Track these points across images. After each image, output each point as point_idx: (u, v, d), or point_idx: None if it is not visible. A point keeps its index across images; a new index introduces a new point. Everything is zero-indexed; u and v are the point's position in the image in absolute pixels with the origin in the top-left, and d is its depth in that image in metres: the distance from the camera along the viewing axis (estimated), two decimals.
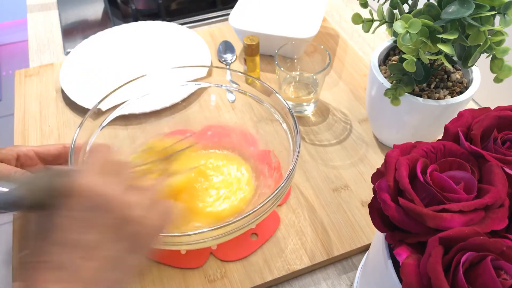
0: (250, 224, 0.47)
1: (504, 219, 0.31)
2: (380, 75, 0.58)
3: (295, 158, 0.49)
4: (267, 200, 0.46)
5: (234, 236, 0.48)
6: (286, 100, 0.56)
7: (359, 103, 0.74)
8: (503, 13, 0.44)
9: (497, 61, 0.47)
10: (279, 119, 0.58)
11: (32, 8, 0.99)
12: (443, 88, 0.58)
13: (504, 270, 0.29)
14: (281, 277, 0.53)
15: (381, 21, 0.54)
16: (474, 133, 0.36)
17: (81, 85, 0.76)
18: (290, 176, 0.48)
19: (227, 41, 0.85)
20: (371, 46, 0.86)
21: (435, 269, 0.28)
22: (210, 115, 0.67)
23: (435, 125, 0.58)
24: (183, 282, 0.52)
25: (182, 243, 0.46)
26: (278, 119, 0.58)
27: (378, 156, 0.66)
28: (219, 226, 0.44)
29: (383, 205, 0.34)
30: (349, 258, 0.56)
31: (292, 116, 0.54)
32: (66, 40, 0.89)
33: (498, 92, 0.69)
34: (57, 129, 0.70)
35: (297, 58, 0.76)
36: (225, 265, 0.54)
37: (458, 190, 0.33)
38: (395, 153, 0.36)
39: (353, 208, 0.59)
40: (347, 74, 0.80)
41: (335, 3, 0.98)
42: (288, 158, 0.55)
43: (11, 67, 2.16)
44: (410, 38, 0.46)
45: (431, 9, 0.48)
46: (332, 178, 0.63)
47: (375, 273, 0.41)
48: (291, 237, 0.56)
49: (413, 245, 0.33)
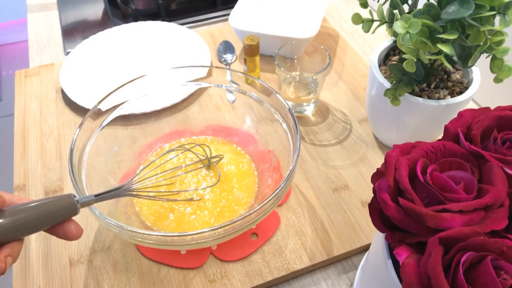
0: (250, 224, 0.47)
1: (504, 219, 0.31)
2: (380, 75, 0.58)
3: (295, 158, 0.49)
4: (267, 200, 0.46)
5: (234, 236, 0.48)
6: (286, 100, 0.56)
7: (359, 103, 0.74)
8: (503, 13, 0.44)
9: (497, 61, 0.47)
10: (279, 119, 0.58)
11: (32, 8, 0.99)
12: (443, 88, 0.58)
13: (504, 270, 0.29)
14: (281, 277, 0.53)
15: (381, 21, 0.54)
16: (474, 133, 0.36)
17: (81, 85, 0.76)
18: (290, 176, 0.48)
19: (227, 41, 0.85)
20: (371, 46, 0.86)
21: (435, 269, 0.28)
22: (210, 115, 0.67)
23: (435, 125, 0.58)
24: (183, 282, 0.52)
25: (182, 242, 0.46)
26: (278, 119, 0.58)
27: (378, 156, 0.66)
28: (220, 226, 0.44)
29: (383, 205, 0.34)
30: (349, 258, 0.56)
31: (292, 116, 0.54)
32: (66, 40, 0.90)
33: (498, 92, 0.70)
34: (57, 129, 0.70)
35: (297, 58, 0.76)
36: (225, 265, 0.54)
37: (458, 190, 0.33)
38: (395, 153, 0.36)
39: (353, 208, 0.59)
40: (347, 74, 0.80)
41: (335, 3, 0.98)
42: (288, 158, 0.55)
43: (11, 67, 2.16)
44: (410, 38, 0.46)
45: (431, 9, 0.48)
46: (332, 178, 0.63)
47: (375, 273, 0.41)
48: (291, 237, 0.56)
49: (413, 245, 0.33)
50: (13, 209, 0.36)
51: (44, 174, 0.65)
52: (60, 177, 0.64)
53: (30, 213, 0.37)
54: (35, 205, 0.37)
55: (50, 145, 0.68)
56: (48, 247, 0.56)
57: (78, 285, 0.53)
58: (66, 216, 0.39)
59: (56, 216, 0.38)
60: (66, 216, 0.39)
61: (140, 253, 0.55)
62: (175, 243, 0.46)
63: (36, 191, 0.62)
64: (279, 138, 0.59)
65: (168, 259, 0.54)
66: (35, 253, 0.56)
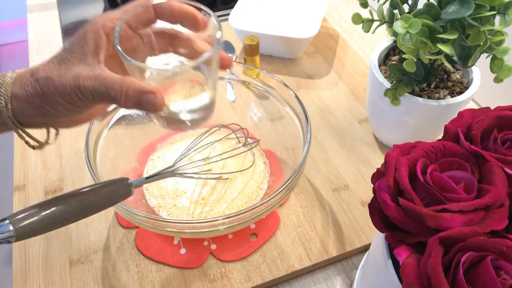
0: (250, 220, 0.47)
1: (504, 219, 0.31)
2: (380, 75, 0.58)
3: (305, 150, 0.50)
4: (280, 190, 0.47)
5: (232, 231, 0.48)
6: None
7: (359, 103, 0.74)
8: (503, 13, 0.44)
9: (497, 61, 0.47)
10: (287, 109, 0.58)
11: (32, 8, 0.99)
12: (443, 88, 0.58)
13: (504, 270, 0.29)
14: (281, 277, 0.53)
15: (381, 21, 0.54)
16: (474, 133, 0.36)
17: None
18: (303, 163, 0.49)
19: (227, 41, 0.85)
20: (371, 46, 0.86)
21: (435, 269, 0.28)
22: None
23: (435, 125, 0.58)
24: (183, 282, 0.52)
25: (182, 229, 0.47)
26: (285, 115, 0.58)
27: (378, 156, 0.66)
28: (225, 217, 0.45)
29: (383, 205, 0.34)
30: (349, 258, 0.56)
31: (301, 105, 0.54)
32: (66, 40, 0.90)
33: (498, 92, 0.70)
34: None
35: (297, 58, 0.76)
36: (225, 265, 0.54)
37: (458, 190, 0.33)
38: (395, 153, 0.36)
39: (353, 208, 0.59)
40: (347, 74, 0.80)
41: (335, 3, 0.98)
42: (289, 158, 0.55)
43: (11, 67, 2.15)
44: (410, 38, 0.46)
45: (431, 9, 0.48)
46: (332, 178, 0.63)
47: (375, 273, 0.41)
48: (291, 237, 0.56)
49: (413, 245, 0.33)
50: (76, 192, 0.38)
51: (44, 174, 0.64)
52: (60, 177, 0.64)
53: (91, 196, 0.38)
54: (95, 188, 0.39)
55: (50, 145, 0.68)
56: (48, 247, 0.56)
57: (78, 285, 0.53)
58: (122, 197, 0.41)
59: (113, 198, 0.40)
60: (122, 198, 0.41)
61: (140, 253, 0.55)
62: (172, 229, 0.47)
63: (36, 191, 0.62)
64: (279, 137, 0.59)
65: (168, 259, 0.54)
66: (35, 253, 0.56)
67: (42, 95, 0.36)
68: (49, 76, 0.37)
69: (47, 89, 0.36)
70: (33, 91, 0.36)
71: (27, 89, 0.37)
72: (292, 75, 0.79)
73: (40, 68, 0.37)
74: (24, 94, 0.37)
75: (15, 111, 0.37)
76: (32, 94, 0.37)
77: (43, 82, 0.36)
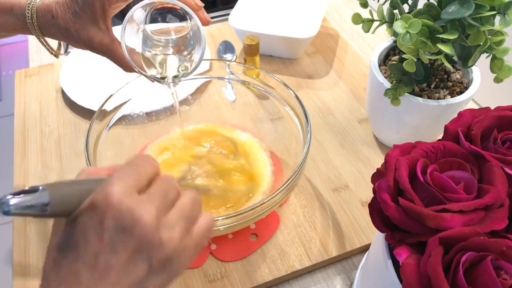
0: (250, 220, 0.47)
1: (504, 219, 0.31)
2: (380, 75, 0.58)
3: (305, 150, 0.50)
4: (281, 189, 0.47)
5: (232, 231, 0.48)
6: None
7: (359, 103, 0.74)
8: (503, 13, 0.44)
9: (497, 61, 0.47)
10: (287, 109, 0.58)
11: None
12: (443, 88, 0.58)
13: (504, 270, 0.29)
14: (281, 277, 0.53)
15: (381, 21, 0.54)
16: (474, 133, 0.36)
17: (81, 85, 0.76)
18: (303, 162, 0.49)
19: (227, 41, 0.85)
20: (371, 46, 0.86)
21: (435, 269, 0.28)
22: (210, 115, 0.67)
23: (435, 125, 0.58)
24: (183, 282, 0.52)
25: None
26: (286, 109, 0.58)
27: (378, 156, 0.66)
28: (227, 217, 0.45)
29: (383, 205, 0.34)
30: (349, 258, 0.56)
31: (301, 105, 0.54)
32: None
33: (498, 92, 0.70)
34: (57, 129, 0.70)
35: (297, 58, 0.76)
36: (225, 265, 0.54)
37: (458, 190, 0.33)
38: (395, 153, 0.36)
39: (353, 208, 0.59)
40: (347, 74, 0.80)
41: (335, 3, 0.98)
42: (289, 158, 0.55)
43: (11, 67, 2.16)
44: (410, 38, 0.46)
45: (431, 9, 0.48)
46: (332, 178, 0.63)
47: (375, 273, 0.41)
48: (291, 237, 0.56)
49: (413, 245, 0.33)
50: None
51: (44, 174, 0.64)
52: (60, 177, 0.64)
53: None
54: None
55: (50, 145, 0.68)
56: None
57: None
58: None
59: None
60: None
61: None
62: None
63: None
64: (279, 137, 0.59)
65: None
66: (35, 253, 0.56)
67: (63, 37, 0.48)
68: (68, 29, 0.46)
69: (66, 39, 0.47)
70: (56, 30, 0.47)
71: (50, 27, 0.47)
72: (292, 75, 0.79)
73: (59, 13, 0.46)
74: (48, 27, 0.48)
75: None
76: (55, 32, 0.48)
77: (63, 32, 0.47)
